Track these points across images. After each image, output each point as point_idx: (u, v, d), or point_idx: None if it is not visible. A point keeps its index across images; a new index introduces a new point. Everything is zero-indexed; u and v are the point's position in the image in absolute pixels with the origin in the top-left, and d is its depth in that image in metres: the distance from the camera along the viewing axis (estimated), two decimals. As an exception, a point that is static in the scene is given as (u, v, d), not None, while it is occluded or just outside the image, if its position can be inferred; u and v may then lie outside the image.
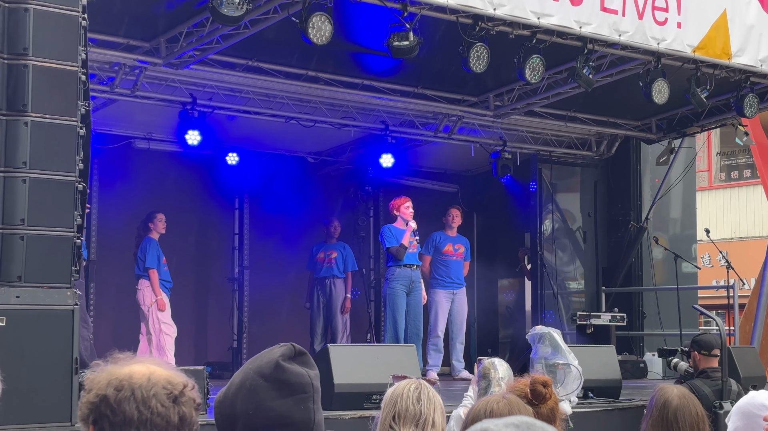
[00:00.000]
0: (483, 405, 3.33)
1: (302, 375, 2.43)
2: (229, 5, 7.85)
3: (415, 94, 11.61)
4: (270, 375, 2.42)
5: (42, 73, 5.82)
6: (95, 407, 2.10)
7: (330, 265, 12.51)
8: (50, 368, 5.72)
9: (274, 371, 2.42)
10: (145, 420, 2.07)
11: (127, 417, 2.07)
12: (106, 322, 12.22)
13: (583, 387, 7.36)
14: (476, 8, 8.32)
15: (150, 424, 2.07)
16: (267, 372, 2.42)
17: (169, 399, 2.10)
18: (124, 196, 12.35)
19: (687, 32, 9.55)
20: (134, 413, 2.07)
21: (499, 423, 1.67)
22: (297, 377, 2.42)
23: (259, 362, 2.46)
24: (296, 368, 2.44)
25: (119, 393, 2.08)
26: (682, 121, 12.94)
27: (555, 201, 14.02)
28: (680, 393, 3.84)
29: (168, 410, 2.09)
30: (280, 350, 2.46)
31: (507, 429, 1.66)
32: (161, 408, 2.08)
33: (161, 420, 2.08)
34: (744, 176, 23.63)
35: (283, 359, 2.44)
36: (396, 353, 7.94)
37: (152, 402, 2.08)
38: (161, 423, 2.08)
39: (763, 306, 12.22)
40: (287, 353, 2.46)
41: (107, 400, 2.08)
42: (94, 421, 2.10)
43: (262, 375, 2.42)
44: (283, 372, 2.42)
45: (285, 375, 2.42)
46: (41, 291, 5.76)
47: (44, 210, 5.81)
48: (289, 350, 2.46)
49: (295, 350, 2.47)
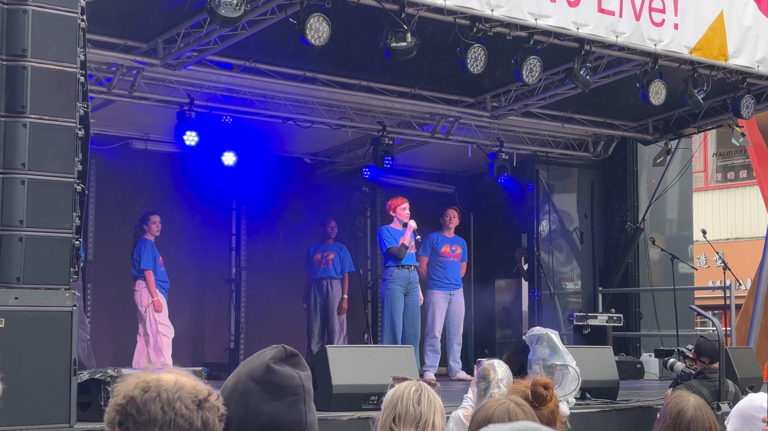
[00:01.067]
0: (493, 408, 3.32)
1: (293, 377, 2.44)
2: (227, 6, 7.85)
3: (412, 95, 11.62)
4: (261, 378, 2.43)
5: (41, 75, 5.82)
6: (122, 408, 2.13)
7: (327, 266, 12.50)
8: (49, 369, 5.72)
9: (265, 374, 2.43)
10: (169, 420, 2.10)
11: (152, 417, 2.10)
12: (103, 323, 12.21)
13: (581, 388, 7.37)
14: (474, 9, 8.33)
15: (174, 425, 2.10)
16: (258, 375, 2.44)
17: (193, 403, 2.13)
18: (121, 197, 12.34)
19: (684, 33, 9.57)
20: (159, 413, 2.10)
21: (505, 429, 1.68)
22: (287, 379, 2.43)
23: (251, 365, 2.47)
24: (287, 370, 2.44)
25: (146, 394, 2.12)
26: (678, 121, 12.96)
27: (552, 202, 14.03)
28: (696, 404, 3.82)
29: (192, 413, 2.12)
30: (270, 352, 2.48)
31: None
32: (185, 410, 2.11)
33: (184, 421, 2.10)
34: (740, 177, 23.67)
35: (274, 361, 2.45)
36: (394, 354, 7.94)
37: (176, 404, 2.11)
38: (184, 424, 2.10)
39: (759, 306, 12.24)
40: (278, 355, 2.46)
41: (134, 401, 2.12)
42: (120, 422, 2.13)
43: (254, 379, 2.44)
44: (274, 375, 2.43)
45: (275, 377, 2.43)
46: (40, 292, 5.76)
47: (43, 211, 5.81)
48: (280, 352, 2.47)
49: (286, 352, 2.48)
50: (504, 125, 12.78)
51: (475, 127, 12.69)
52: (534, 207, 13.84)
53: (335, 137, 12.73)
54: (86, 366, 8.23)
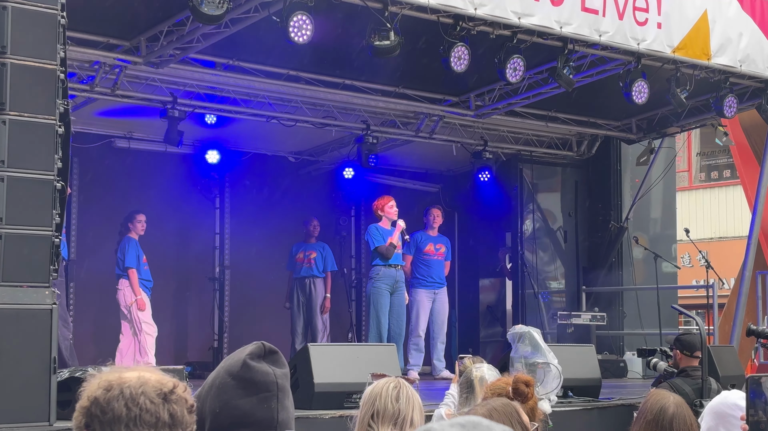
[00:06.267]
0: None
1: (267, 373, 2.45)
2: (210, 4, 7.82)
3: (396, 94, 11.61)
4: (237, 373, 2.44)
5: (20, 72, 5.79)
6: (87, 410, 2.10)
7: (309, 265, 12.50)
8: (28, 367, 5.69)
9: (241, 370, 2.44)
10: (135, 417, 2.05)
11: (116, 415, 2.06)
12: (86, 322, 12.16)
13: (563, 386, 7.37)
14: (457, 8, 8.33)
15: (140, 421, 2.05)
16: (235, 370, 2.45)
17: (159, 396, 2.09)
18: (104, 196, 12.30)
19: (667, 33, 9.60)
20: (123, 410, 2.06)
21: (444, 424, 1.66)
22: (262, 376, 2.44)
23: (230, 361, 2.49)
24: (263, 367, 2.45)
25: (108, 392, 2.08)
26: (662, 121, 12.99)
27: (536, 201, 14.05)
28: (677, 401, 3.85)
29: (157, 407, 2.07)
30: (250, 348, 2.49)
31: (452, 429, 1.65)
32: (150, 404, 2.07)
33: (150, 416, 2.06)
34: (724, 176, 23.74)
35: (251, 358, 2.46)
36: (376, 352, 7.93)
37: (140, 399, 2.07)
38: (150, 419, 2.06)
39: (742, 305, 12.26)
40: (256, 352, 2.47)
41: (97, 401, 2.08)
42: (86, 425, 2.09)
43: (231, 374, 2.45)
44: (249, 371, 2.44)
45: (250, 373, 2.44)
46: (20, 290, 5.73)
47: (22, 209, 5.78)
48: (259, 348, 2.48)
49: (264, 348, 2.48)
50: (488, 124, 12.79)
51: (459, 125, 12.69)
52: (518, 206, 13.85)
53: (319, 136, 12.71)
54: (68, 364, 8.20)
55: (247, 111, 11.35)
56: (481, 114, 12.11)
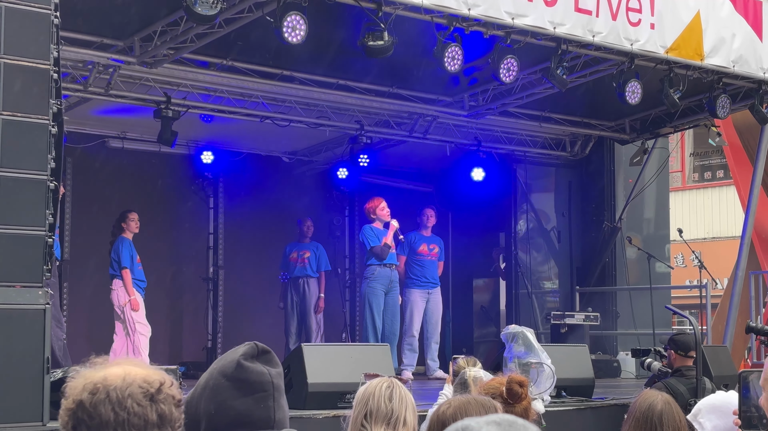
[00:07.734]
0: (447, 407, 3.31)
1: (262, 373, 2.45)
2: (203, 4, 7.81)
3: (390, 94, 11.61)
4: (231, 374, 2.44)
5: (13, 71, 5.78)
6: (73, 413, 2.07)
7: (303, 265, 12.50)
8: (21, 367, 5.68)
9: (235, 370, 2.44)
10: (123, 421, 2.03)
11: (104, 420, 2.03)
12: (80, 322, 12.15)
13: (556, 386, 7.39)
14: (451, 8, 8.33)
15: (128, 425, 2.04)
16: (228, 371, 2.44)
17: (145, 398, 2.07)
18: (98, 196, 12.28)
19: (660, 33, 9.60)
20: (110, 415, 2.03)
21: (481, 421, 1.66)
22: (257, 376, 2.44)
23: (223, 362, 2.48)
24: (257, 367, 2.45)
25: (94, 396, 2.05)
26: (655, 121, 13.01)
27: (529, 201, 14.07)
28: (665, 399, 3.87)
29: (145, 409, 2.06)
30: (243, 349, 2.48)
31: (488, 427, 1.65)
32: (137, 407, 2.05)
33: (139, 419, 2.05)
34: (717, 177, 23.79)
35: (245, 358, 2.45)
36: (370, 352, 7.93)
37: (128, 403, 2.04)
38: (139, 422, 2.05)
39: (735, 305, 12.29)
40: (249, 352, 2.47)
41: (83, 405, 2.05)
42: (73, 428, 2.07)
43: (224, 375, 2.45)
44: (244, 371, 2.44)
45: (245, 374, 2.43)
46: (12, 290, 5.72)
47: (15, 208, 5.77)
48: (252, 349, 2.48)
49: (258, 349, 2.48)
50: (482, 124, 12.80)
51: (453, 126, 12.70)
52: (512, 206, 13.86)
53: (313, 136, 12.71)
54: (62, 364, 8.19)
55: (241, 111, 11.34)
56: (475, 114, 12.12)
